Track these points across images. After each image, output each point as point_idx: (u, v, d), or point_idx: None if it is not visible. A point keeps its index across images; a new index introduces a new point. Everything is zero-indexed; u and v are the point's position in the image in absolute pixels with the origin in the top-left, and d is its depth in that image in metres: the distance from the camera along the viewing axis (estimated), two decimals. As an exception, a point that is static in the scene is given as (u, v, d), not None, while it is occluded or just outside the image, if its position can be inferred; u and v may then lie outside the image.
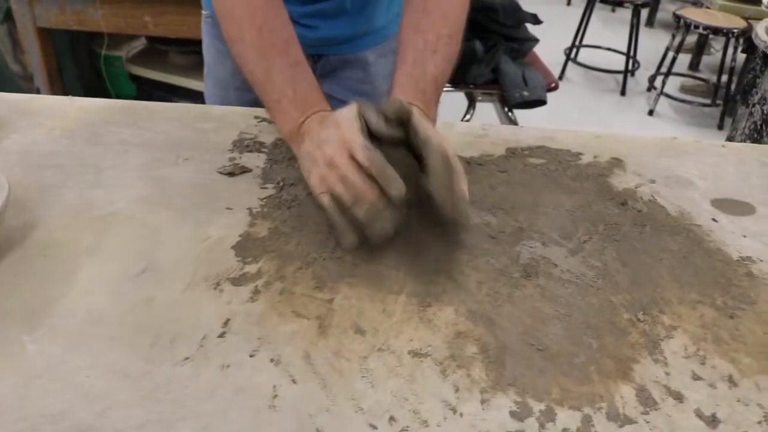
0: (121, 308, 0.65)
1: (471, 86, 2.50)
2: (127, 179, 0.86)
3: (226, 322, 0.64)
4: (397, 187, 0.69)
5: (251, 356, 0.60)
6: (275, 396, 0.57)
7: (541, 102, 2.43)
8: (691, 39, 4.46)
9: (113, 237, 0.75)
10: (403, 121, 0.76)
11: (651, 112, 3.97)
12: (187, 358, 0.60)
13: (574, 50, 4.55)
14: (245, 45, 0.90)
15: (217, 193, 0.84)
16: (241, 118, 1.03)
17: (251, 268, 0.71)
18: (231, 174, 0.87)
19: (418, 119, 0.76)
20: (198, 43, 1.30)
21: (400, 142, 0.77)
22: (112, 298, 0.67)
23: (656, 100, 3.97)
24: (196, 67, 2.58)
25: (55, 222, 0.77)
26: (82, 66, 2.69)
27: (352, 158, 0.72)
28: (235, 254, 0.73)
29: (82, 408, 0.55)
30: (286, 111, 0.86)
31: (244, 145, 0.95)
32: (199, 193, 0.84)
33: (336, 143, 0.74)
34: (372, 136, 0.75)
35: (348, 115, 0.77)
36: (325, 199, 0.74)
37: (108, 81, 2.69)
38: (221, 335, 0.62)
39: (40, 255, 0.72)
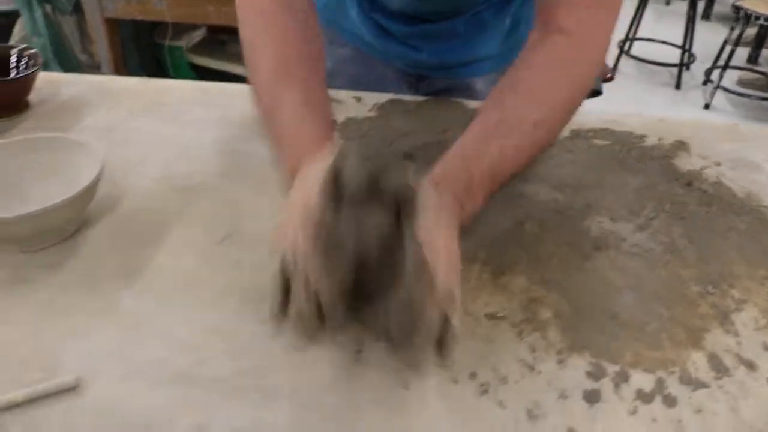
0: (209, 270, 0.69)
1: (525, 77, 2.50)
2: (205, 154, 0.90)
3: (310, 284, 0.67)
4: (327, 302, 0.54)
5: (336, 314, 0.63)
6: (359, 351, 0.60)
7: (597, 92, 2.41)
8: (751, 31, 4.36)
9: (196, 206, 0.79)
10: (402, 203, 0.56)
11: (707, 106, 3.90)
12: (274, 316, 0.63)
13: (628, 43, 4.50)
14: (260, 77, 0.74)
15: (293, 168, 0.87)
16: (311, 98, 1.06)
17: (331, 236, 0.74)
18: (307, 150, 0.90)
19: (423, 212, 0.55)
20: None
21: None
22: (200, 261, 0.71)
23: (713, 94, 3.90)
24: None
25: (142, 192, 0.82)
26: (144, 55, 2.77)
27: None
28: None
29: (180, 357, 0.59)
30: (284, 148, 0.70)
31: (316, 123, 0.98)
32: (275, 167, 0.87)
33: (295, 203, 0.58)
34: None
35: (316, 169, 0.58)
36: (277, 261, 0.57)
37: (173, 69, 2.76)
38: (306, 295, 0.66)
39: (130, 221, 0.77)
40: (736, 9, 3.77)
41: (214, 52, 2.78)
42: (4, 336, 0.61)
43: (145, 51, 2.79)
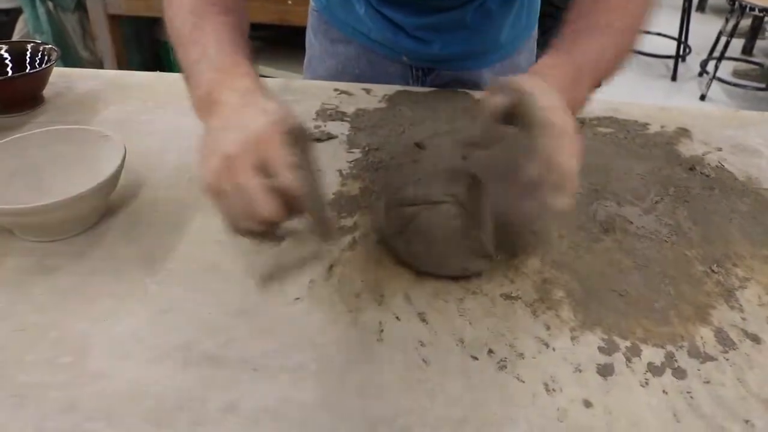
0: (231, 256, 0.71)
1: (524, 69, 2.52)
2: (221, 145, 0.92)
3: (330, 268, 0.69)
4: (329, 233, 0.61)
5: (357, 296, 0.66)
6: (382, 331, 0.62)
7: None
8: (745, 23, 4.39)
9: (215, 195, 0.81)
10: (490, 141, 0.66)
11: (703, 97, 3.93)
12: (297, 299, 0.66)
13: (624, 35, 4.52)
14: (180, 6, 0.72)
15: (307, 157, 0.89)
16: (321, 90, 1.08)
17: (347, 222, 0.76)
18: (318, 140, 0.93)
19: (532, 102, 0.59)
20: (261, 28, 1.27)
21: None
22: (221, 248, 0.73)
23: (708, 85, 3.93)
24: (257, 53, 2.65)
25: (160, 182, 0.84)
26: (145, 52, 2.78)
27: (258, 168, 0.54)
28: (331, 209, 0.78)
29: (207, 339, 0.61)
30: (201, 72, 0.64)
31: (327, 114, 1.00)
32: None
33: (246, 139, 0.55)
34: None
35: (279, 110, 0.59)
36: (212, 200, 0.59)
37: (174, 66, 2.78)
38: (327, 279, 0.68)
39: (151, 210, 0.79)
40: (731, 1, 3.79)
41: (214, 48, 2.79)
42: (33, 321, 0.63)
43: (146, 47, 2.80)
